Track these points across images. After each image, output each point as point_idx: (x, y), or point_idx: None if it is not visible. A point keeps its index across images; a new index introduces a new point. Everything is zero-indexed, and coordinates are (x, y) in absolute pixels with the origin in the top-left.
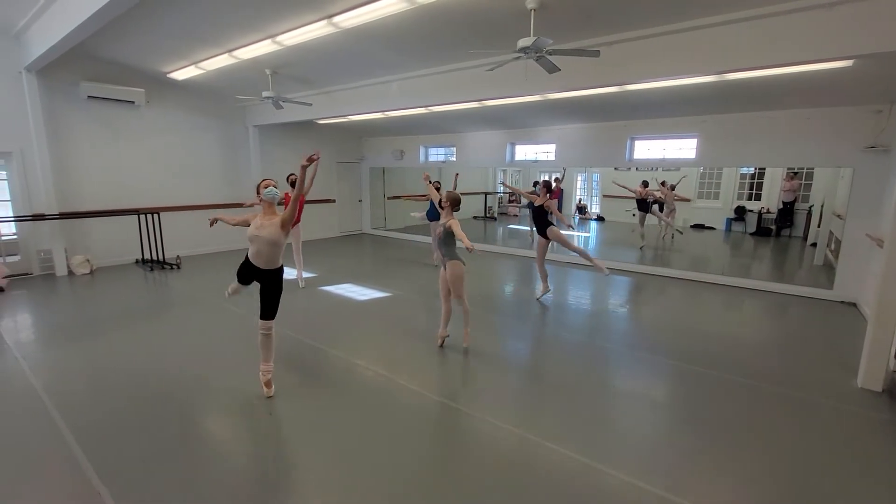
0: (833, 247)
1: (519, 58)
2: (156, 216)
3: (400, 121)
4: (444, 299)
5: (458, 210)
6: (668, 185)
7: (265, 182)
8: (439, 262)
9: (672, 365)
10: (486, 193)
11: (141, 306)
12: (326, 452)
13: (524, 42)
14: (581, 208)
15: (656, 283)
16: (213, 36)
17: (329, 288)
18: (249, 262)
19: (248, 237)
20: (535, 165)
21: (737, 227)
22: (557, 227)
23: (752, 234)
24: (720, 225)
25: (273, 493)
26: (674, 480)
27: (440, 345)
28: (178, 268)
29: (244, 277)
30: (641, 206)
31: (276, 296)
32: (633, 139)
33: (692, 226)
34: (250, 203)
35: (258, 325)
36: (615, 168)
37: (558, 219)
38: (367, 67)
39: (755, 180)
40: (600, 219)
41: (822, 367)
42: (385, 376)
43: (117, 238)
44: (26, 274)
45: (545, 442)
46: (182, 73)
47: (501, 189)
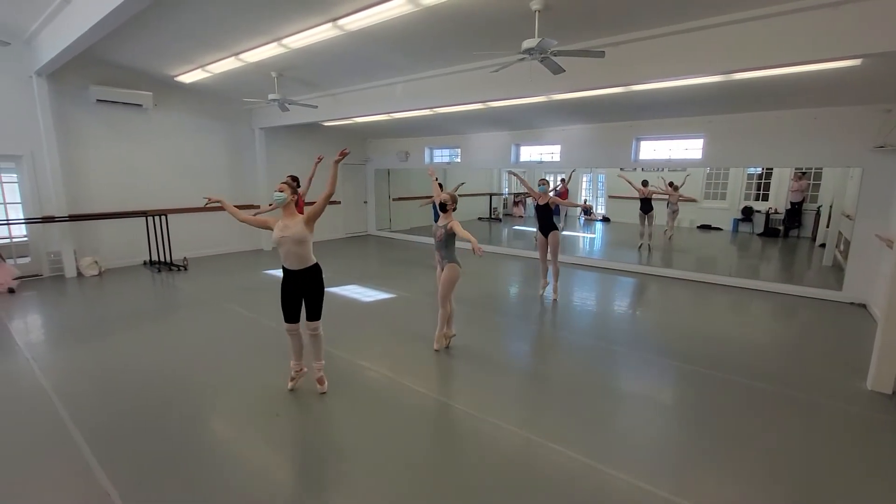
0: (842, 247)
1: (523, 59)
2: (163, 218)
3: (405, 122)
4: (442, 301)
5: (455, 210)
6: (674, 185)
7: (278, 186)
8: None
9: (678, 366)
10: (492, 195)
11: (149, 307)
12: (331, 453)
13: (529, 43)
14: (587, 209)
15: (662, 285)
16: (219, 39)
17: (334, 289)
18: (287, 273)
19: (274, 242)
20: (541, 166)
21: (744, 227)
22: (561, 226)
23: (759, 234)
24: (727, 226)
25: (278, 494)
26: (679, 482)
27: (446, 345)
28: (186, 269)
29: (290, 305)
30: (645, 207)
31: (319, 295)
32: (638, 140)
33: (699, 226)
34: (270, 206)
35: (305, 326)
36: (621, 169)
37: (569, 206)
38: (371, 69)
39: (762, 180)
40: (606, 219)
41: (830, 369)
42: (389, 377)
43: (125, 240)
44: (36, 275)
45: (549, 443)
46: (189, 77)
47: (506, 190)
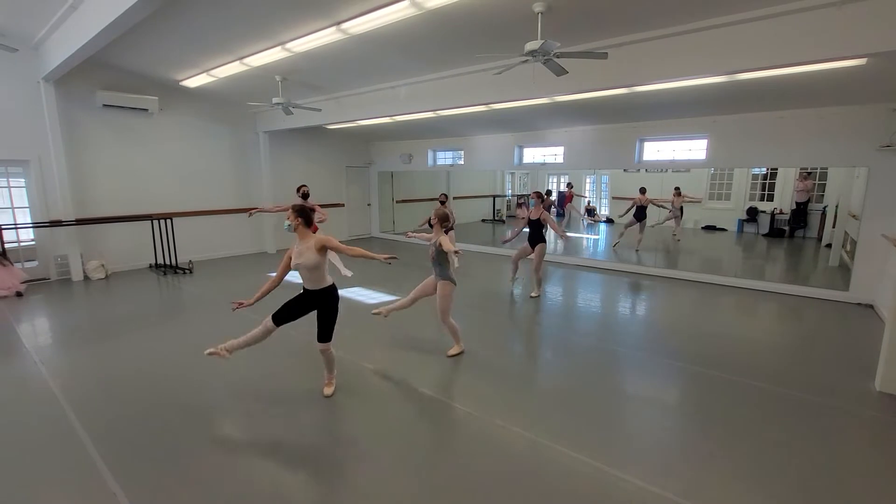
0: (848, 248)
1: (526, 61)
2: (168, 221)
3: (408, 125)
4: (413, 296)
5: (447, 226)
6: (678, 190)
7: (287, 215)
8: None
9: (685, 368)
10: (495, 196)
11: (155, 310)
12: (339, 454)
13: (531, 45)
14: (590, 211)
15: (668, 286)
16: (224, 44)
17: (339, 292)
18: (305, 290)
19: (292, 267)
20: (544, 168)
21: (749, 228)
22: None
23: (764, 235)
24: (732, 226)
25: (285, 495)
26: (686, 484)
27: (381, 314)
28: (191, 272)
29: (289, 309)
30: (639, 214)
31: (330, 316)
32: (642, 140)
33: (703, 227)
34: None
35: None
36: (624, 170)
37: (553, 229)
38: (375, 73)
39: (767, 181)
40: (609, 221)
41: (838, 371)
42: (394, 379)
43: (131, 243)
44: (44, 279)
45: (556, 445)
46: (194, 81)
47: (509, 192)
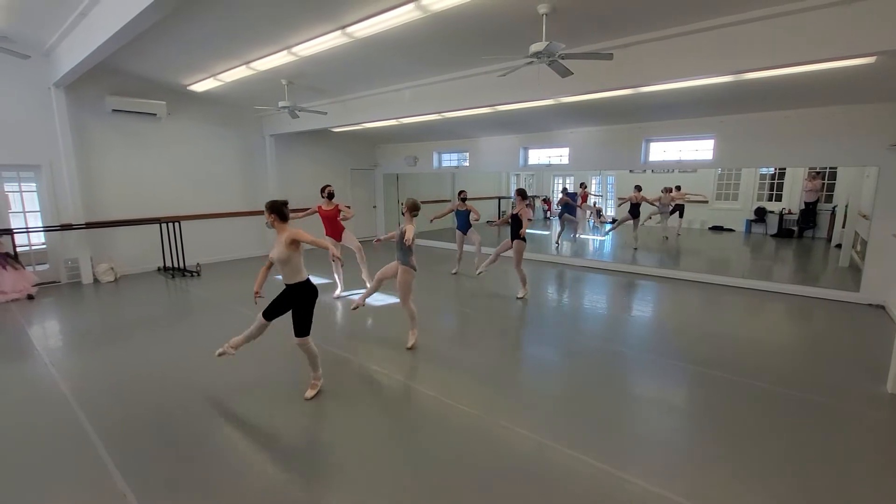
0: (859, 248)
1: (531, 62)
2: (177, 225)
3: (413, 127)
4: (377, 278)
5: (416, 215)
6: (677, 189)
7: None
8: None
9: (692, 370)
10: (500, 198)
11: (163, 313)
12: (343, 456)
13: (536, 47)
14: (597, 211)
15: (675, 287)
16: (231, 49)
17: (345, 293)
18: (285, 285)
19: (272, 262)
20: (549, 169)
21: (757, 228)
22: (521, 243)
23: (773, 235)
24: (740, 227)
25: (293, 496)
26: (693, 487)
27: (358, 306)
28: (198, 275)
29: (273, 304)
30: (634, 211)
31: (302, 312)
32: (648, 141)
33: (710, 228)
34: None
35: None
36: (630, 171)
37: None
38: (380, 75)
39: (775, 181)
40: (613, 221)
41: (849, 373)
42: (400, 381)
43: (140, 246)
44: (54, 282)
45: (561, 447)
46: (201, 86)
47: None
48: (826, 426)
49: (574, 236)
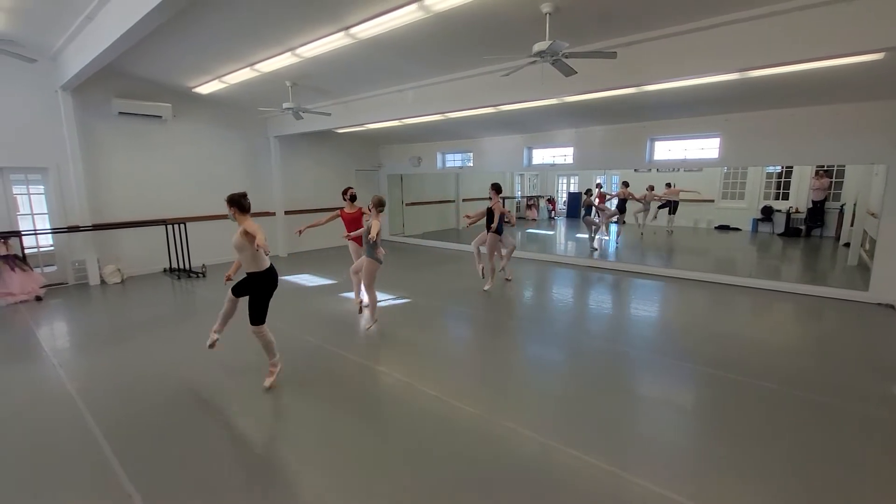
0: (868, 247)
1: (535, 62)
2: (182, 226)
3: (417, 128)
4: (353, 271)
5: (383, 211)
6: (671, 186)
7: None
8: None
9: (698, 370)
10: (504, 198)
11: (169, 314)
12: (349, 456)
13: (540, 46)
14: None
15: (680, 287)
16: (235, 51)
17: (350, 294)
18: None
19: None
20: (553, 169)
21: (764, 227)
22: (503, 234)
23: (780, 234)
24: (746, 226)
25: (294, 497)
26: (699, 488)
27: (359, 310)
28: (204, 276)
29: (237, 284)
30: (621, 206)
31: (253, 301)
32: (652, 140)
33: (717, 227)
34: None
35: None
36: (635, 170)
37: (505, 221)
38: (383, 76)
39: (782, 179)
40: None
41: (857, 373)
42: (405, 382)
43: (146, 248)
44: (62, 283)
45: (566, 448)
46: (206, 88)
47: (519, 194)
48: (834, 427)
49: (598, 238)
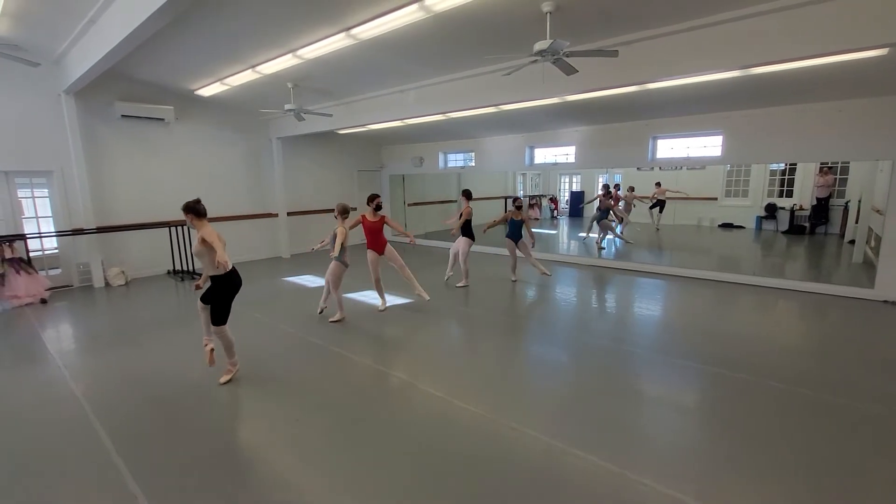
0: (873, 244)
1: (536, 61)
2: (185, 228)
3: (418, 128)
4: (328, 281)
5: (347, 217)
6: (661, 185)
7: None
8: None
9: (703, 369)
10: (506, 198)
11: (173, 315)
12: (352, 456)
13: (540, 45)
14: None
15: (684, 285)
16: (237, 53)
17: (352, 295)
18: None
19: None
20: (555, 168)
21: (768, 225)
22: (466, 240)
23: (784, 232)
24: (750, 224)
25: (296, 498)
26: (704, 488)
27: (320, 311)
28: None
29: (205, 290)
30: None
31: (217, 301)
32: (655, 138)
33: (720, 225)
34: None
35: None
36: (637, 168)
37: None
38: (384, 77)
39: (786, 176)
40: (621, 220)
41: (864, 371)
42: (409, 382)
43: (150, 250)
44: (67, 286)
45: (570, 448)
46: (208, 90)
47: (521, 193)
48: (840, 426)
49: (608, 237)
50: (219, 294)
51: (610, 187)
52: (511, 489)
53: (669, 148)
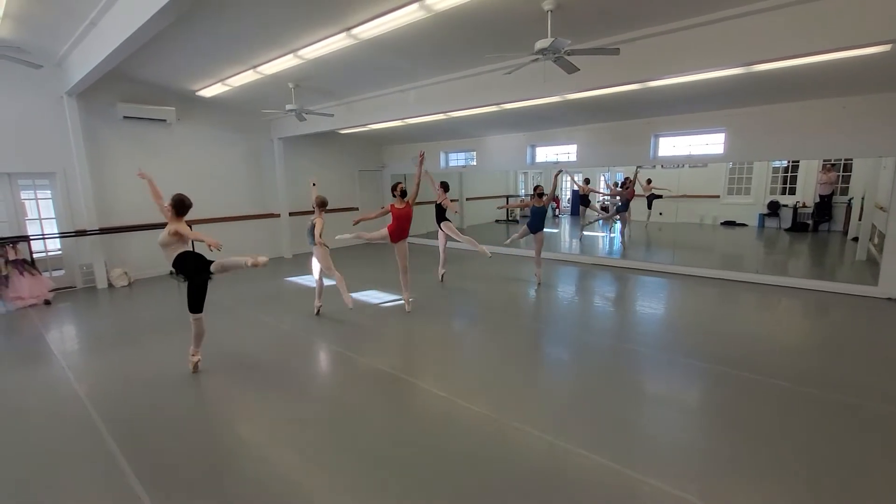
0: (876, 241)
1: (537, 60)
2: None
3: (419, 128)
4: (318, 272)
5: (325, 209)
6: (651, 182)
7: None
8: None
9: (706, 368)
10: (508, 196)
11: (176, 316)
12: (354, 456)
13: (541, 44)
14: (605, 208)
15: (687, 284)
16: (238, 54)
17: (354, 295)
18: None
19: None
20: (557, 167)
21: (770, 223)
22: (451, 222)
23: (787, 229)
24: (752, 221)
25: (307, 498)
26: (708, 487)
27: (316, 312)
28: (210, 278)
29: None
30: (583, 201)
31: (189, 291)
32: (656, 136)
33: (722, 223)
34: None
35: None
36: (639, 167)
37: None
38: (385, 77)
39: (789, 174)
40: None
41: (867, 369)
42: (410, 382)
43: (153, 251)
44: (70, 287)
45: (574, 447)
46: (210, 91)
47: (523, 192)
48: (844, 425)
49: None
50: (185, 275)
51: (629, 178)
52: (514, 489)
53: (671, 146)
